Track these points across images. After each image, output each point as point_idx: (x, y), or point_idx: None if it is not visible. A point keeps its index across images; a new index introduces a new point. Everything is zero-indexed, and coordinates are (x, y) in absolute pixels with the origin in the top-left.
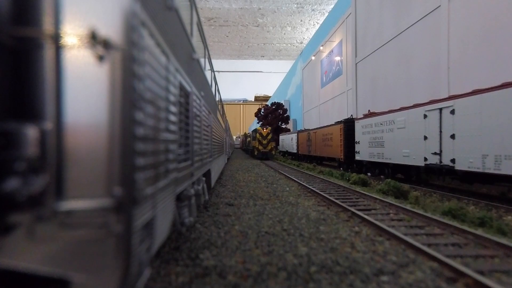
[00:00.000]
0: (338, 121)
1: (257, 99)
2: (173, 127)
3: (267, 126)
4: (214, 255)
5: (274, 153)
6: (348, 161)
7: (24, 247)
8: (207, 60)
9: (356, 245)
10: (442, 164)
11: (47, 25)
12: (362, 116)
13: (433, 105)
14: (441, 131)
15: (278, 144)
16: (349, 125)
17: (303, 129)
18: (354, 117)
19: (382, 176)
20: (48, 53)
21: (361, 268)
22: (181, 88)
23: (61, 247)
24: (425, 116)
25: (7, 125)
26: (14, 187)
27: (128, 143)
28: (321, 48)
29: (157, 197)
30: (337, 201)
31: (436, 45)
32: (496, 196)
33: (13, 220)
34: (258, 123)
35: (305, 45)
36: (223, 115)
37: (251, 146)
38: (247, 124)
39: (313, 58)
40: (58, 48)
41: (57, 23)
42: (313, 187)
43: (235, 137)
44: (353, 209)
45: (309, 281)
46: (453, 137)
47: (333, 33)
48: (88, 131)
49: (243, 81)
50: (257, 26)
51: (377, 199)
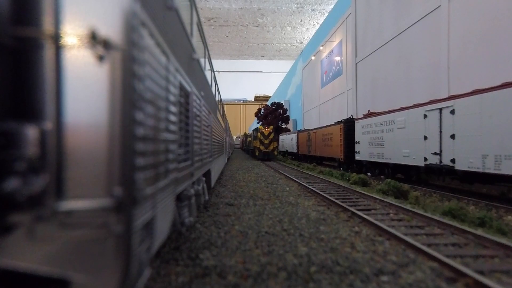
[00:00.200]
0: (338, 121)
1: (257, 99)
2: (173, 127)
3: (269, 125)
4: (214, 255)
5: (276, 153)
6: (348, 161)
7: (24, 247)
8: (207, 60)
9: (356, 245)
10: (442, 164)
11: (47, 25)
12: (362, 116)
13: (433, 105)
14: (441, 131)
15: (278, 144)
16: (349, 125)
17: (303, 129)
18: (354, 117)
19: (382, 176)
20: (48, 53)
21: (361, 268)
22: (181, 88)
23: (61, 247)
24: (425, 116)
25: (7, 125)
26: (14, 187)
27: (128, 143)
28: (321, 48)
29: (157, 197)
30: (337, 201)
31: (436, 45)
32: (496, 196)
33: (13, 220)
34: (258, 123)
35: (305, 45)
36: (223, 115)
37: (251, 146)
38: (247, 124)
39: (313, 58)
40: (58, 48)
41: (57, 23)
42: (313, 187)
43: (235, 137)
44: (353, 209)
45: (309, 281)
46: (453, 137)
47: (333, 33)
48: (88, 131)
49: (243, 81)
50: (257, 26)
51: (377, 199)
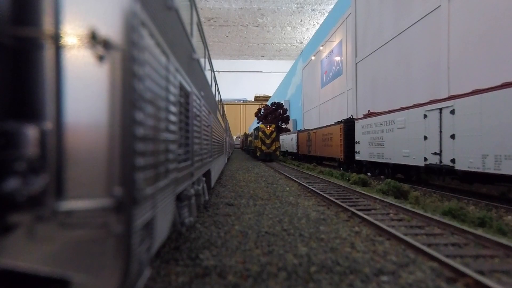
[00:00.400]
0: (338, 121)
1: (257, 99)
2: (173, 127)
3: (271, 123)
4: (214, 255)
5: (278, 153)
6: (348, 161)
7: (24, 247)
8: (207, 60)
9: (356, 245)
10: (442, 164)
11: (47, 25)
12: (362, 116)
13: (433, 105)
14: (441, 131)
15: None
16: (349, 125)
17: (303, 129)
18: (354, 117)
19: (382, 176)
20: (48, 53)
21: (361, 268)
22: (181, 88)
23: (61, 247)
24: (425, 116)
25: (7, 125)
26: (14, 187)
27: (128, 143)
28: (321, 48)
29: (157, 197)
30: (337, 201)
31: (436, 45)
32: (496, 196)
33: (13, 220)
34: (258, 123)
35: (305, 45)
36: (223, 115)
37: (252, 146)
38: (247, 124)
39: (313, 58)
40: (58, 48)
41: (57, 23)
42: (313, 187)
43: (235, 137)
44: (353, 209)
45: (309, 281)
46: (453, 137)
47: (333, 33)
48: (88, 131)
49: (243, 81)
50: (257, 26)
51: (377, 199)
